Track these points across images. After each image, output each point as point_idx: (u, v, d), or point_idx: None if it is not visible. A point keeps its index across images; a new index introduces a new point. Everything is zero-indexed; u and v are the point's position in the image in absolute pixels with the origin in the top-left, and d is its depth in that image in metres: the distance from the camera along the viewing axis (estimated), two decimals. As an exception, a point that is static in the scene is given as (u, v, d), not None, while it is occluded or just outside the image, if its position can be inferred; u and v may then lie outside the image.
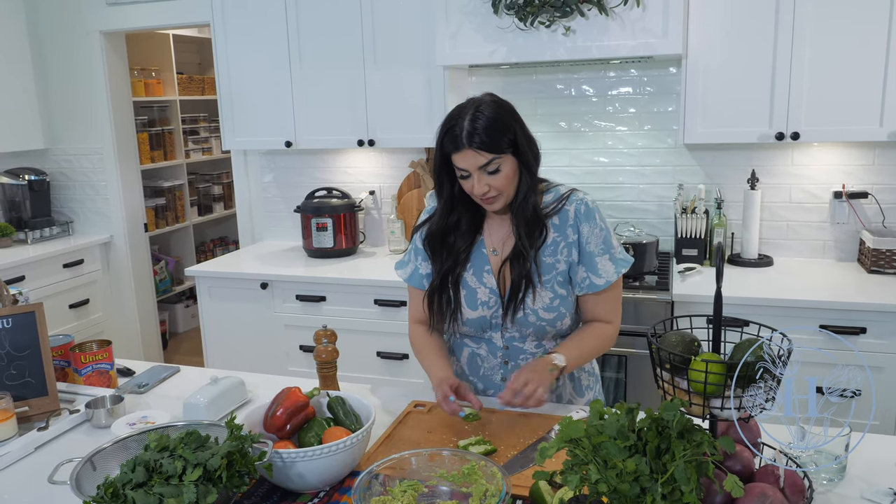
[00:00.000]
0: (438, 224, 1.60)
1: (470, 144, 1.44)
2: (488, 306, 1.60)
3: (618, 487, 0.94)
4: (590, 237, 1.57)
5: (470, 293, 1.61)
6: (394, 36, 2.93)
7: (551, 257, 1.57)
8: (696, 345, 1.11)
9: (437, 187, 1.58)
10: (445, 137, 1.48)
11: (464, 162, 1.46)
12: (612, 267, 1.59)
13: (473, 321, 1.62)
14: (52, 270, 3.64)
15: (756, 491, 1.01)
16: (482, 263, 1.61)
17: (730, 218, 2.93)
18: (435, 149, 1.52)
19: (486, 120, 1.45)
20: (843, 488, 1.22)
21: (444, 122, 1.50)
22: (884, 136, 2.43)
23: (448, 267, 1.60)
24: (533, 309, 1.57)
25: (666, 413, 0.98)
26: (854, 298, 2.37)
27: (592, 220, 1.58)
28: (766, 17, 2.47)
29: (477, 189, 1.48)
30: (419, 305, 1.68)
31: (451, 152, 1.48)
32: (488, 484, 1.15)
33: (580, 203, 1.58)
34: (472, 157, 1.45)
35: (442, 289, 1.61)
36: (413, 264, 1.69)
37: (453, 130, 1.46)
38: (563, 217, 1.57)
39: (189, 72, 5.25)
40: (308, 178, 3.56)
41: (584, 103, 3.06)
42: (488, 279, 1.60)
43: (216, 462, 1.07)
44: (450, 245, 1.60)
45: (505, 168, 1.47)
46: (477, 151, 1.44)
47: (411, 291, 1.73)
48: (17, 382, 1.62)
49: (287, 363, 3.08)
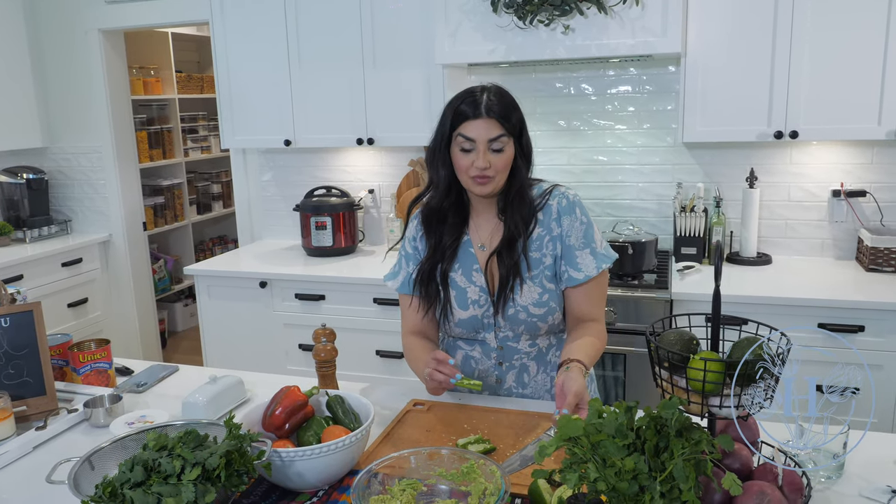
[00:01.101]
0: (438, 203, 1.60)
1: (488, 113, 1.48)
2: (479, 305, 1.60)
3: (616, 486, 0.94)
4: (570, 230, 1.58)
5: (460, 293, 1.61)
6: (393, 34, 2.93)
7: (538, 252, 1.58)
8: (694, 343, 1.11)
9: (432, 170, 1.58)
10: (462, 104, 1.50)
11: (475, 131, 1.49)
12: (593, 261, 1.58)
13: (465, 321, 1.62)
14: (51, 269, 3.64)
15: (754, 489, 1.01)
16: (470, 262, 1.61)
17: (729, 216, 2.93)
18: (439, 124, 1.54)
19: (502, 96, 1.52)
20: (841, 486, 1.22)
21: (458, 96, 1.53)
22: (882, 135, 2.43)
23: (442, 252, 1.61)
24: (523, 305, 1.57)
25: (664, 411, 0.98)
26: (852, 297, 2.37)
27: (573, 214, 1.58)
28: (764, 15, 2.47)
29: (480, 161, 1.49)
30: (411, 314, 1.68)
31: (465, 119, 1.49)
32: (487, 482, 1.15)
33: (562, 197, 1.59)
34: (485, 126, 1.48)
35: (432, 275, 1.61)
36: (404, 271, 1.68)
37: (473, 97, 1.50)
38: (546, 212, 1.59)
39: (188, 70, 5.24)
40: (307, 177, 3.55)
41: (583, 102, 3.06)
42: (478, 277, 1.61)
43: (214, 461, 1.07)
44: (448, 225, 1.61)
45: (507, 150, 1.51)
46: (493, 120, 1.48)
47: (404, 300, 1.71)
48: (14, 382, 1.61)
49: (286, 362, 3.08)
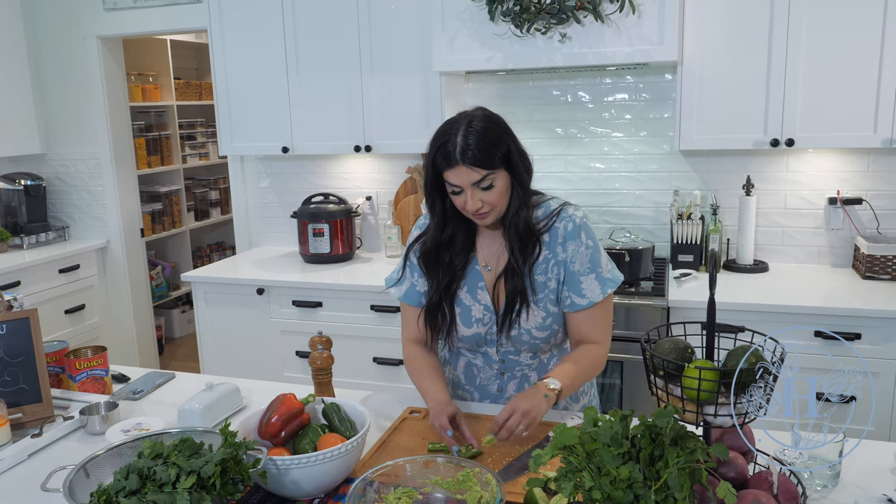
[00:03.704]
0: (433, 241, 1.57)
1: (463, 161, 1.41)
2: (483, 323, 1.59)
3: (611, 494, 0.94)
4: (574, 256, 1.54)
5: (464, 310, 1.59)
6: (390, 42, 2.94)
7: (542, 275, 1.55)
8: (689, 352, 1.12)
9: (428, 204, 1.55)
10: (437, 154, 1.44)
11: (457, 178, 1.43)
12: (598, 287, 1.54)
13: (468, 338, 1.61)
14: (48, 276, 3.64)
15: (749, 497, 1.01)
16: (475, 280, 1.60)
17: (725, 224, 2.93)
18: (425, 166, 1.49)
19: (479, 135, 1.42)
20: (837, 494, 1.22)
21: (435, 139, 1.46)
22: (878, 143, 2.45)
23: (445, 283, 1.57)
24: (527, 328, 1.56)
25: (659, 420, 0.98)
26: (849, 304, 2.37)
27: (578, 239, 1.54)
28: (761, 24, 2.48)
29: (470, 206, 1.46)
30: (414, 323, 1.65)
31: (443, 169, 1.44)
32: (483, 491, 1.15)
33: (569, 220, 1.55)
34: (465, 173, 1.42)
35: (439, 306, 1.59)
36: (409, 281, 1.65)
37: (445, 147, 1.43)
38: (553, 234, 1.55)
39: (186, 77, 5.26)
40: (305, 184, 3.56)
41: (580, 109, 3.07)
42: (482, 296, 1.59)
43: (210, 469, 1.07)
44: (445, 262, 1.58)
45: (498, 183, 1.45)
46: (470, 167, 1.41)
47: (406, 309, 1.68)
48: (11, 389, 1.61)
49: (283, 369, 3.08)
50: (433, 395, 1.51)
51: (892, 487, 1.24)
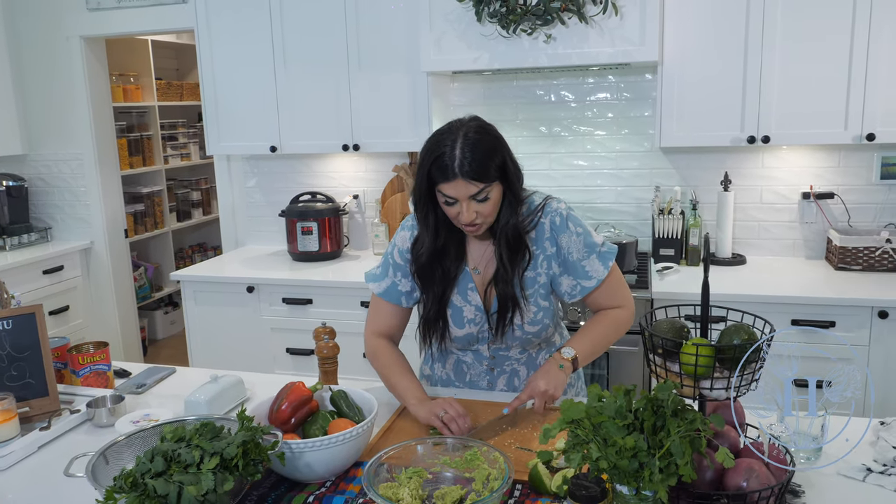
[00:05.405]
0: (428, 253, 1.57)
1: (461, 174, 1.40)
2: (474, 323, 1.62)
3: (618, 463, 1.01)
4: (570, 247, 1.58)
5: (456, 312, 1.62)
6: (378, 42, 2.98)
7: (532, 271, 1.58)
8: (685, 331, 1.19)
9: (420, 215, 1.54)
10: (433, 167, 1.43)
11: (454, 191, 1.42)
12: (600, 264, 1.59)
13: (461, 338, 1.65)
14: (32, 277, 3.62)
15: (743, 465, 1.08)
16: (465, 282, 1.62)
17: (704, 218, 3.03)
18: (418, 177, 1.47)
19: (476, 148, 1.41)
20: (820, 466, 1.30)
21: (430, 150, 1.44)
22: (848, 140, 2.56)
23: (441, 292, 1.60)
24: (518, 324, 1.60)
25: (661, 393, 1.05)
26: (823, 294, 2.48)
27: (567, 230, 1.57)
28: (737, 26, 2.58)
29: (465, 217, 1.45)
30: (385, 318, 1.67)
31: (439, 182, 1.43)
32: (490, 469, 1.21)
33: (554, 215, 1.57)
34: (463, 186, 1.41)
35: (438, 315, 1.61)
36: (391, 280, 1.65)
37: (442, 160, 1.41)
38: (539, 231, 1.58)
39: (167, 77, 5.24)
40: (292, 183, 3.58)
41: (563, 108, 3.15)
42: (472, 297, 1.61)
43: (233, 451, 1.11)
44: (439, 272, 1.59)
45: (493, 195, 1.46)
46: (469, 181, 1.40)
47: (378, 303, 1.68)
48: (18, 383, 1.63)
49: (274, 366, 3.11)
50: (413, 392, 1.55)
51: (871, 458, 1.32)
